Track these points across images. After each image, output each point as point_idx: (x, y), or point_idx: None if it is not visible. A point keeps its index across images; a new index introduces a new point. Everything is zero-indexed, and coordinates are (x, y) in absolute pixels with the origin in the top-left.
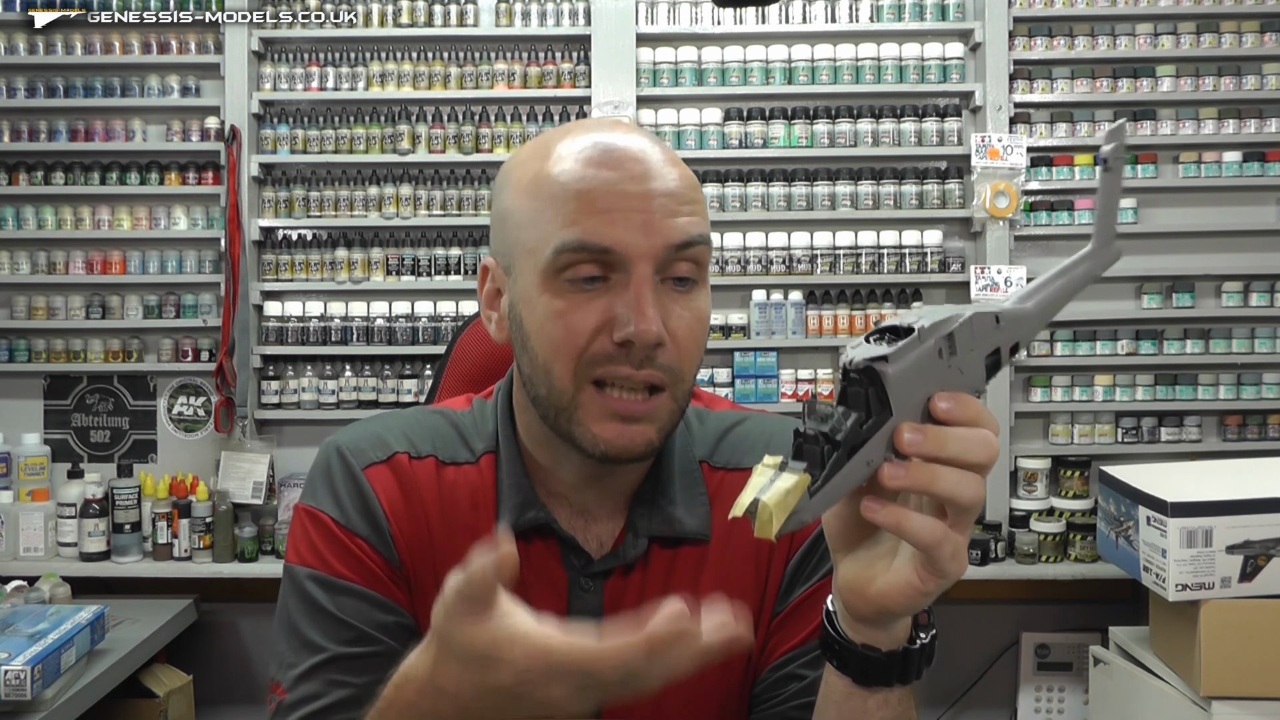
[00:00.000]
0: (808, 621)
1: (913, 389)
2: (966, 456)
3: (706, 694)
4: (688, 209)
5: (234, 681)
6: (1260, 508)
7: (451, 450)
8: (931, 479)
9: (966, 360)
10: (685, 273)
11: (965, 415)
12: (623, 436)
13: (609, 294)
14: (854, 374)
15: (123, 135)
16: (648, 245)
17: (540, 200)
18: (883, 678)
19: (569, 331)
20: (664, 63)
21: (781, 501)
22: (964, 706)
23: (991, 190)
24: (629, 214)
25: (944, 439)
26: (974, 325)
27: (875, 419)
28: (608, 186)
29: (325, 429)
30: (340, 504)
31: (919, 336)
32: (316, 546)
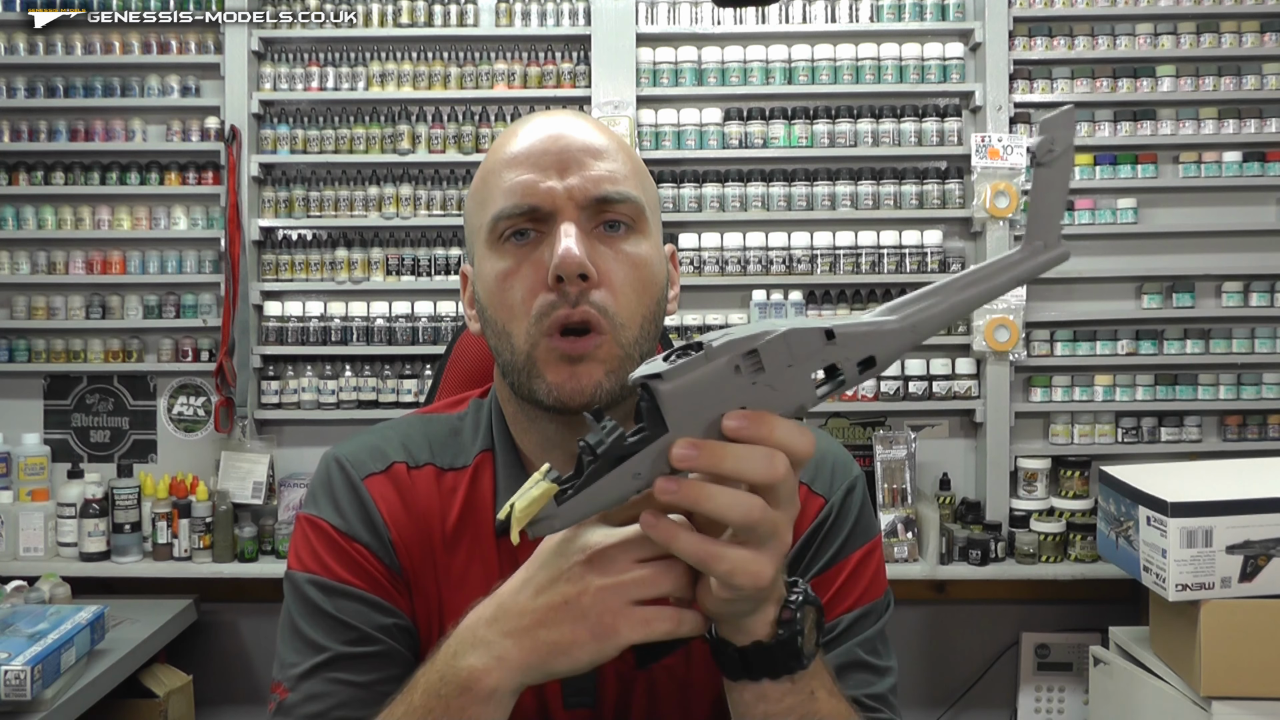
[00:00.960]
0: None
1: (700, 406)
2: (745, 475)
3: (699, 691)
4: (609, 165)
5: (234, 681)
6: (1260, 508)
7: (449, 456)
8: (699, 497)
9: (782, 377)
10: (616, 217)
11: (755, 433)
12: (571, 379)
13: (543, 244)
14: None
15: (123, 135)
16: (567, 194)
17: (482, 185)
18: (740, 672)
19: (515, 289)
20: (664, 63)
21: (525, 508)
22: (964, 706)
23: (991, 190)
24: (547, 170)
25: (722, 455)
26: (790, 342)
27: (647, 434)
28: (529, 152)
29: (325, 429)
30: (341, 512)
31: (705, 355)
32: (317, 552)
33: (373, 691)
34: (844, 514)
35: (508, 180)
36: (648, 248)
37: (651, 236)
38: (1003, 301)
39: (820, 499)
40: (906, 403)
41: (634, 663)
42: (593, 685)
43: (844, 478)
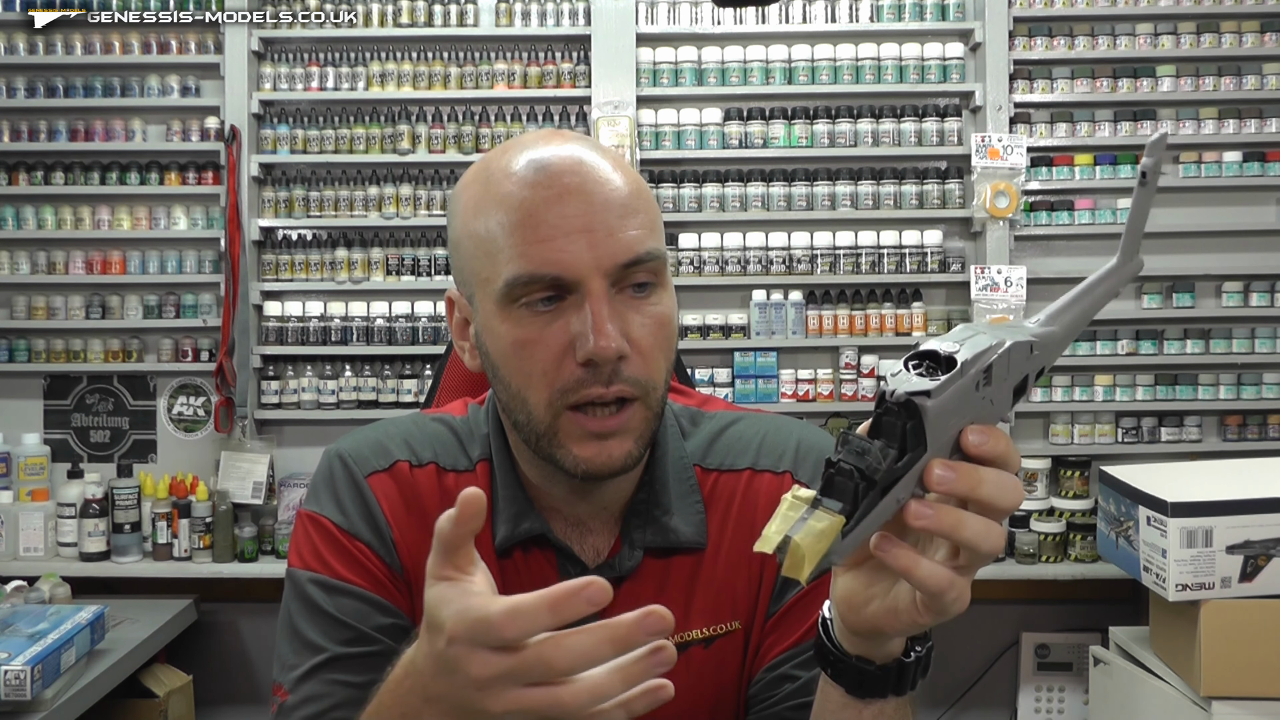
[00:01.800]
0: (801, 622)
1: (949, 423)
2: (996, 501)
3: (700, 700)
4: (633, 221)
5: (234, 681)
6: (1260, 508)
7: (451, 457)
8: (957, 524)
9: (998, 390)
10: (642, 279)
11: (996, 451)
12: (601, 454)
13: (565, 314)
14: (893, 406)
15: (123, 135)
16: (595, 263)
17: (485, 229)
18: (877, 690)
19: (535, 360)
20: (664, 63)
21: (815, 545)
22: (964, 706)
23: (991, 190)
24: (571, 235)
25: (978, 479)
26: (1011, 356)
27: (911, 455)
28: (546, 208)
29: (325, 429)
30: (343, 509)
31: (961, 370)
32: (318, 550)
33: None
34: None
35: (523, 239)
36: (668, 300)
37: (669, 282)
38: (1002, 301)
39: None
40: None
41: None
42: None
43: None
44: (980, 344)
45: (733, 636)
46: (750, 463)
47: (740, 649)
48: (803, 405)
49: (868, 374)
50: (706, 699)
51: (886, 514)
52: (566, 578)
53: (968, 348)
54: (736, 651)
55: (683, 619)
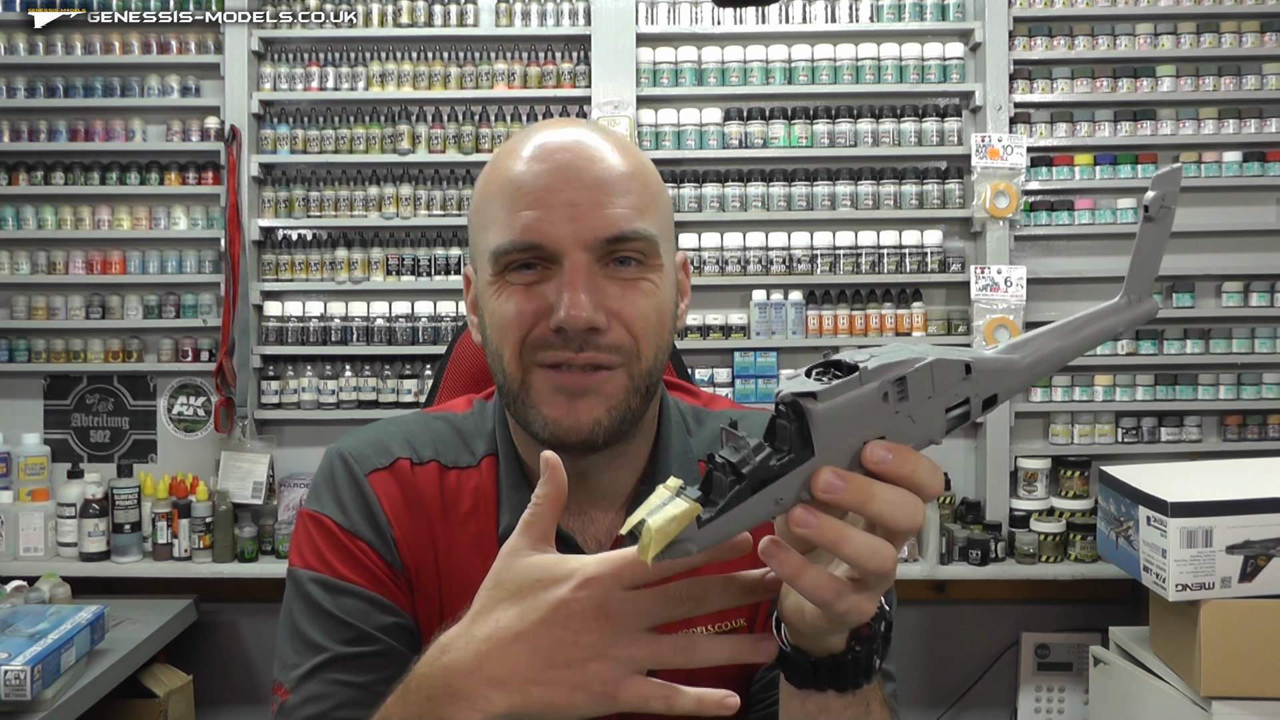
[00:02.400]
0: None
1: (845, 431)
2: (888, 519)
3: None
4: (622, 200)
5: (234, 681)
6: (1260, 508)
7: (454, 454)
8: (840, 538)
9: (921, 408)
10: (628, 255)
11: (900, 471)
12: (569, 415)
13: (548, 282)
14: (780, 407)
15: (123, 135)
16: (575, 235)
17: (486, 205)
18: (810, 682)
19: (512, 319)
20: (664, 63)
21: (663, 528)
22: (964, 706)
23: (991, 190)
24: (555, 208)
25: (870, 494)
26: (934, 372)
27: (793, 457)
28: (534, 181)
29: (325, 429)
30: (344, 508)
31: (860, 377)
32: (319, 549)
33: (371, 692)
34: None
35: (512, 211)
36: (658, 279)
37: (664, 265)
38: (1002, 301)
39: None
40: None
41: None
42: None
43: None
44: (895, 357)
45: (738, 634)
46: None
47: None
48: None
49: None
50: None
51: (764, 513)
52: None
53: (879, 357)
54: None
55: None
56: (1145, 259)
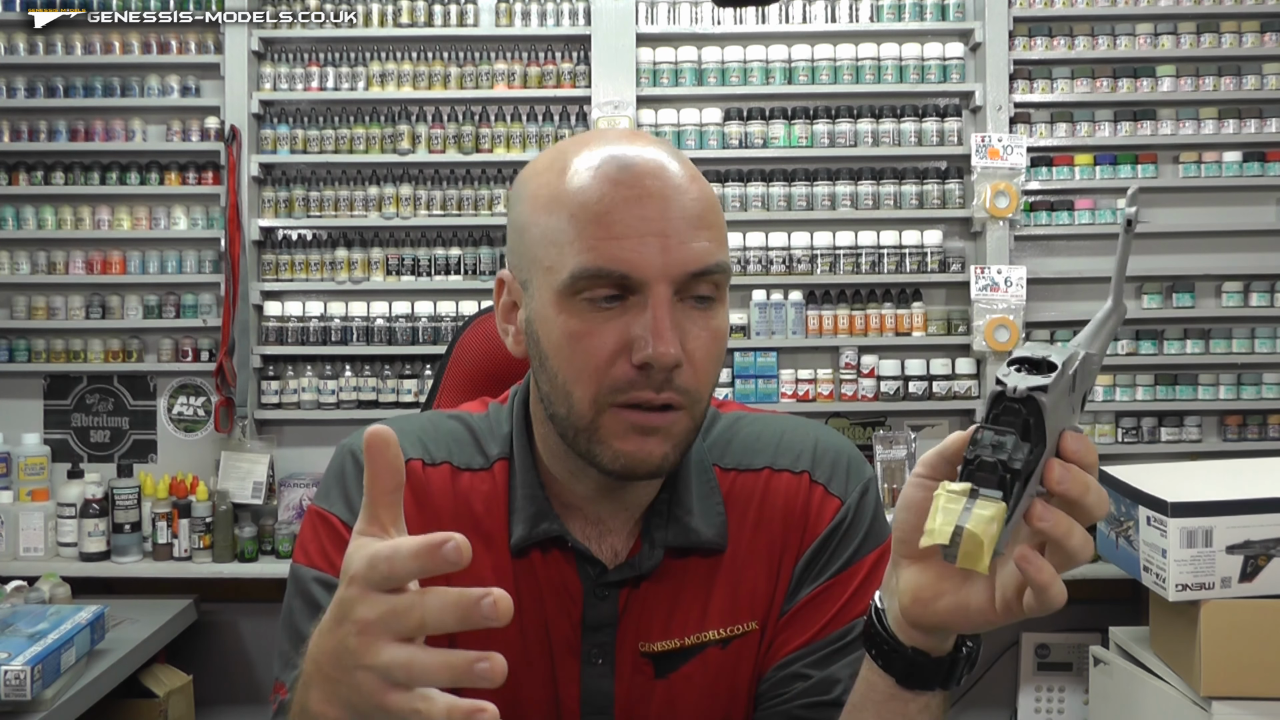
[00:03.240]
0: (814, 621)
1: (1055, 423)
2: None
3: (717, 700)
4: (706, 234)
5: (234, 681)
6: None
7: (466, 456)
8: (1069, 531)
9: (1076, 399)
10: (705, 292)
11: (1091, 458)
12: (641, 449)
13: (626, 314)
14: (1013, 402)
15: (123, 135)
16: (664, 268)
17: (556, 218)
18: (927, 682)
19: (588, 355)
20: (664, 63)
21: (990, 530)
22: (964, 706)
23: (991, 190)
24: (646, 238)
25: (1086, 485)
26: (1085, 366)
27: (1038, 450)
28: (624, 207)
29: (325, 429)
30: (351, 506)
31: (1062, 371)
32: (324, 547)
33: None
34: (859, 516)
35: (596, 233)
36: (724, 316)
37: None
38: (1002, 301)
39: (836, 500)
40: (906, 403)
41: (652, 673)
42: (610, 702)
43: (858, 479)
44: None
45: (749, 637)
46: (768, 462)
47: (756, 650)
48: (803, 405)
49: (868, 374)
50: (722, 700)
51: (1024, 508)
52: (586, 579)
53: (1057, 355)
54: (753, 652)
55: (700, 619)
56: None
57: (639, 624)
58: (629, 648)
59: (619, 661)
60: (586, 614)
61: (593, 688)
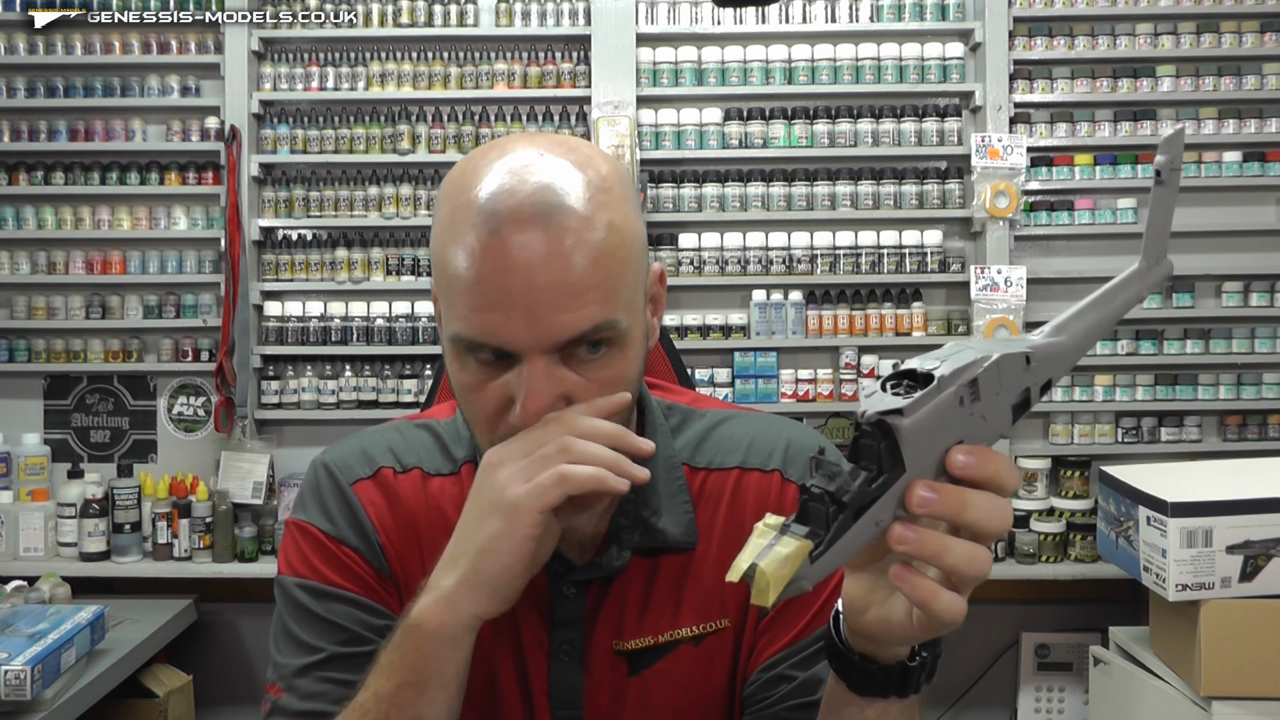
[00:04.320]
0: (795, 622)
1: (930, 442)
2: (982, 526)
3: (690, 698)
4: (586, 297)
5: (234, 681)
6: (1260, 508)
7: (435, 462)
8: (941, 550)
9: (991, 406)
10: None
11: (985, 473)
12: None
13: (509, 371)
14: (866, 427)
15: (123, 135)
16: (534, 341)
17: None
18: (878, 689)
19: (478, 408)
20: (664, 63)
21: (779, 570)
22: (964, 706)
23: (991, 190)
24: (513, 313)
25: (964, 503)
26: (1001, 369)
27: (887, 477)
28: (491, 280)
29: (325, 429)
30: (329, 516)
31: (939, 385)
32: (307, 557)
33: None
34: None
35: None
36: (623, 355)
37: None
38: (1002, 301)
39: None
40: None
41: (625, 671)
42: (579, 698)
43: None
44: (963, 359)
45: (723, 635)
46: (739, 461)
47: (731, 647)
48: (803, 405)
49: (868, 374)
50: (698, 698)
51: (865, 537)
52: (550, 575)
53: (948, 364)
54: (727, 650)
55: (672, 617)
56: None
57: (611, 622)
58: (602, 645)
59: (589, 658)
60: (555, 611)
61: (561, 683)
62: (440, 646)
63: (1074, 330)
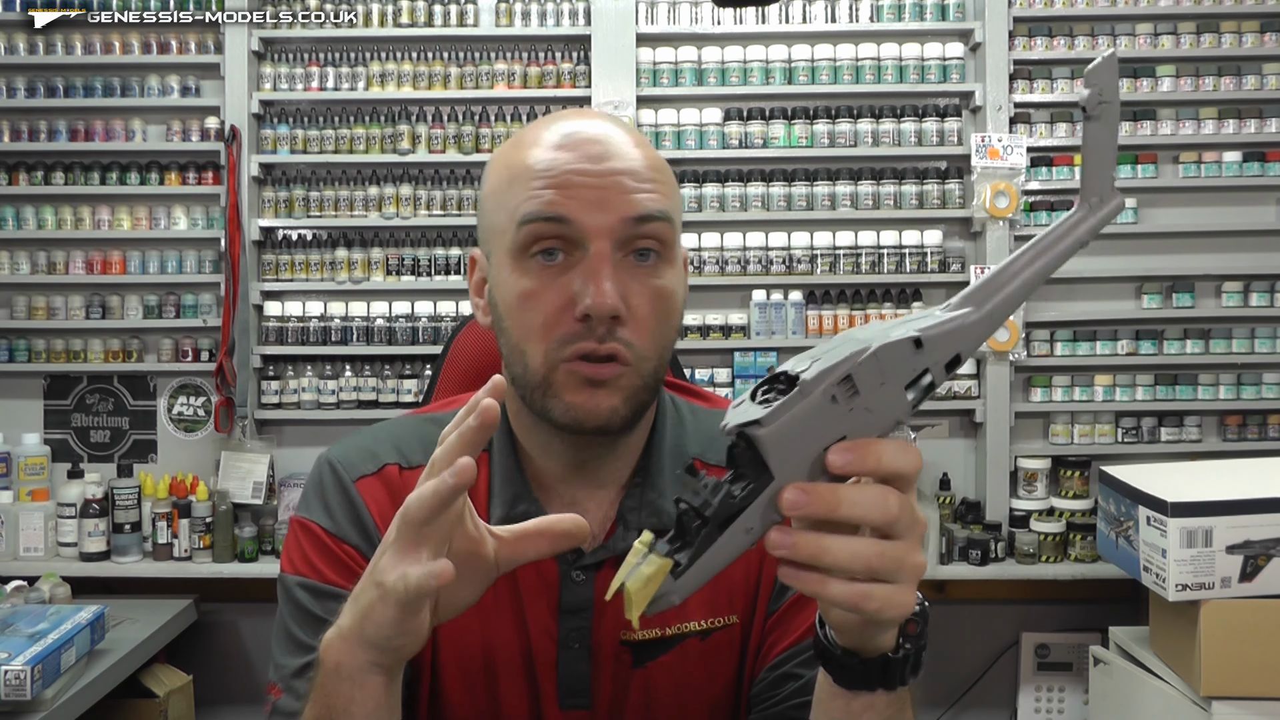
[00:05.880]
0: (803, 621)
1: (802, 445)
2: (863, 519)
3: (695, 692)
4: (647, 186)
5: (234, 681)
6: (1260, 508)
7: None
8: (818, 552)
9: (876, 396)
10: (647, 245)
11: (865, 466)
12: (590, 402)
13: (570, 271)
14: (731, 439)
15: (123, 135)
16: (603, 220)
17: (507, 185)
18: (862, 683)
19: (537, 312)
20: (664, 63)
21: (642, 590)
22: (964, 706)
23: (991, 190)
24: (584, 190)
25: (836, 501)
26: (881, 360)
27: (753, 486)
28: (566, 165)
29: (325, 429)
30: (331, 514)
31: (801, 391)
32: (308, 555)
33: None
34: None
35: (536, 183)
36: (672, 277)
37: (677, 261)
38: None
39: None
40: None
41: (630, 662)
42: (587, 686)
43: None
44: (836, 356)
45: (729, 630)
46: None
47: (738, 644)
48: None
49: None
50: (703, 693)
51: (737, 547)
52: (562, 562)
53: (821, 360)
54: (734, 646)
55: (680, 610)
56: (1096, 160)
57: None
58: (609, 635)
59: (596, 647)
60: (563, 598)
61: (569, 673)
62: (339, 685)
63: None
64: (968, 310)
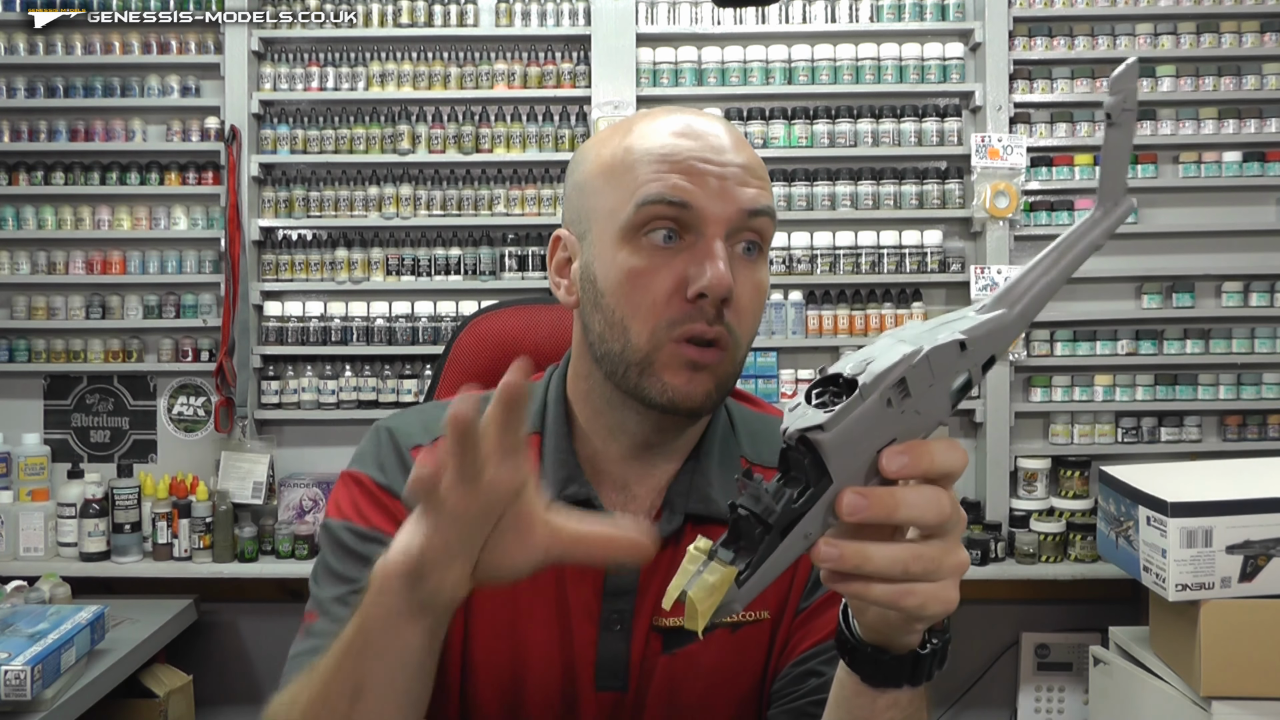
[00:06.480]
0: (829, 619)
1: (858, 449)
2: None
3: (724, 685)
4: (758, 183)
5: (234, 681)
6: (1260, 508)
7: None
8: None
9: (925, 398)
10: (753, 239)
11: (919, 468)
12: (688, 384)
13: (682, 255)
14: (789, 444)
15: (123, 135)
16: (722, 209)
17: (623, 167)
18: (891, 679)
19: (648, 291)
20: (664, 63)
21: (707, 599)
22: (964, 706)
23: (991, 190)
24: (707, 178)
25: (895, 504)
26: (931, 362)
27: (813, 491)
28: (689, 152)
29: (325, 429)
30: (384, 469)
31: (860, 395)
32: (356, 501)
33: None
34: None
35: (659, 166)
36: (766, 273)
37: (767, 261)
38: None
39: None
40: None
41: (660, 647)
42: (625, 668)
43: None
44: (888, 360)
45: (760, 626)
46: None
47: (766, 640)
48: None
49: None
50: (728, 685)
51: (796, 551)
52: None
53: (873, 366)
54: (763, 641)
55: None
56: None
57: (659, 596)
58: (646, 618)
59: (636, 629)
60: (608, 580)
61: (609, 653)
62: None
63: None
64: (1003, 311)
